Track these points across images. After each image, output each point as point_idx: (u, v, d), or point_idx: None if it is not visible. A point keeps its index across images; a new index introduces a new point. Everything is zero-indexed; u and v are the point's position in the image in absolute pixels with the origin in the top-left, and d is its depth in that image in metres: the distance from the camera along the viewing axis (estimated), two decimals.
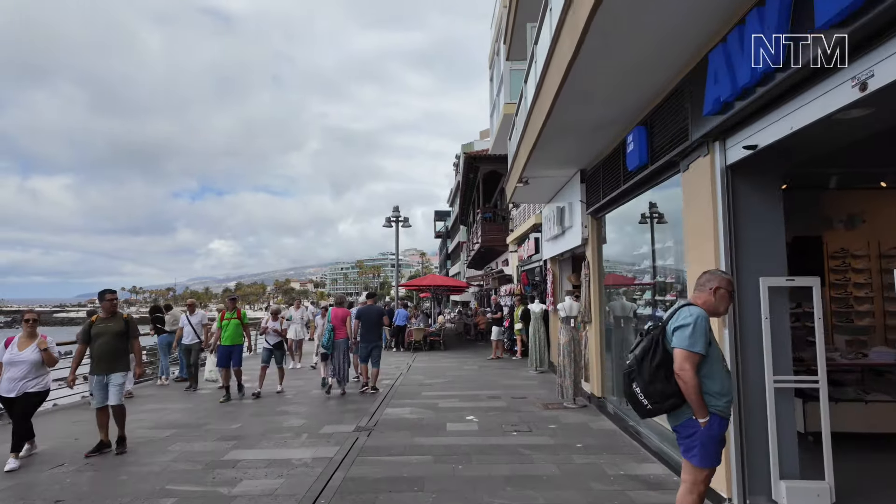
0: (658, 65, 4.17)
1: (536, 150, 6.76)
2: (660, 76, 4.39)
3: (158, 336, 10.33)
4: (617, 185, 6.08)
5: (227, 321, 8.52)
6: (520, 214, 15.10)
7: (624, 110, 5.24)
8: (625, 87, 4.68)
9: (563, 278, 11.00)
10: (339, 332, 8.96)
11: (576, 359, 7.55)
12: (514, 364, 12.42)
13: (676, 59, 4.04)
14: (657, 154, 4.84)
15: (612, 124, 5.65)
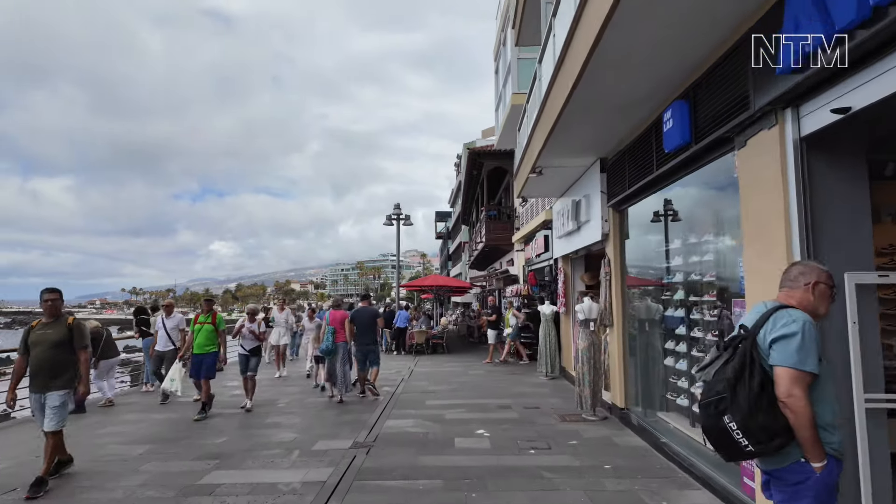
0: (713, 16, 3.49)
1: (554, 136, 6.09)
2: (712, 34, 3.71)
3: (143, 339, 9.65)
4: (648, 171, 5.39)
5: (199, 326, 7.49)
6: (527, 212, 14.43)
7: (659, 82, 4.56)
8: (666, 52, 4.00)
9: (575, 278, 10.32)
10: (340, 335, 8.49)
11: (595, 366, 6.87)
12: (522, 369, 11.73)
13: (736, 6, 3.36)
14: (703, 131, 4.16)
15: (644, 101, 4.97)
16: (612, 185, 6.78)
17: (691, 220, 5.38)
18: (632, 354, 6.68)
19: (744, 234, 3.70)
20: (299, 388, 9.67)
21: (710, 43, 3.84)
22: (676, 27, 3.64)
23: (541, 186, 9.13)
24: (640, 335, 6.58)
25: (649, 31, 3.69)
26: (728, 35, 3.67)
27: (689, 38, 3.79)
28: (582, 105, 5.15)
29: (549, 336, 10.34)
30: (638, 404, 6.55)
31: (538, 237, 12.42)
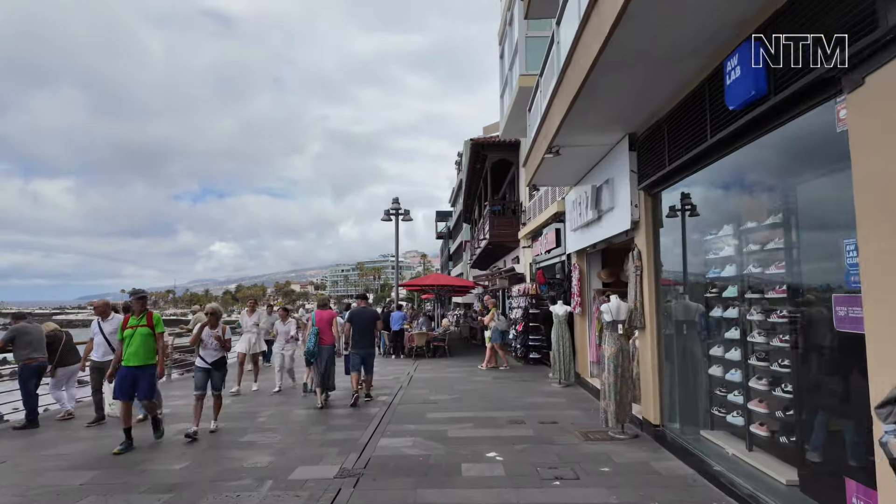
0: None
1: (576, 107, 5.11)
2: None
3: None
4: (697, 141, 4.42)
5: (130, 331, 5.77)
6: (535, 205, 13.47)
7: (722, 20, 3.60)
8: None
9: (591, 275, 9.35)
10: (325, 337, 7.93)
11: (624, 375, 5.90)
12: (531, 375, 10.75)
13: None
14: (786, 77, 3.19)
15: (698, 49, 4.00)
16: (644, 164, 5.80)
17: (752, 199, 4.42)
18: (668, 362, 5.71)
19: (858, 209, 2.73)
20: (284, 397, 8.69)
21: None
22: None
23: (555, 172, 8.17)
24: (678, 339, 5.61)
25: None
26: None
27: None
28: (614, 62, 4.20)
29: (563, 339, 9.37)
30: (675, 420, 5.58)
31: (548, 232, 11.45)
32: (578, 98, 4.92)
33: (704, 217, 5.11)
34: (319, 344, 7.81)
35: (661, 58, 4.18)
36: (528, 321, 12.52)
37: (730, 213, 4.69)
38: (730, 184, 4.66)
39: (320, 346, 7.80)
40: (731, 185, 4.65)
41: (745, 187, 4.54)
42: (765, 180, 4.23)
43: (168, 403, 7.70)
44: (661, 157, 5.27)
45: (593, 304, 9.16)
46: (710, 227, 4.89)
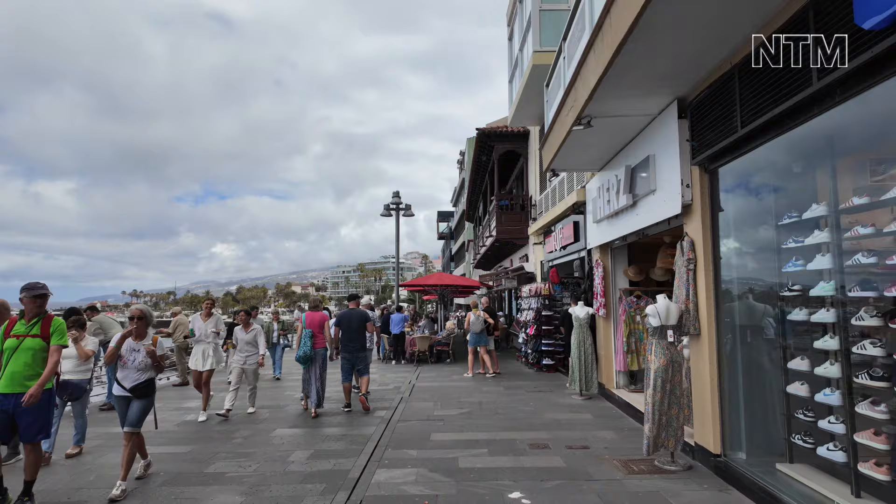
0: None
1: (621, 59, 4.03)
2: None
3: None
4: (796, 88, 3.32)
5: (14, 341, 4.03)
6: (546, 199, 12.40)
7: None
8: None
9: (616, 273, 8.28)
10: (318, 340, 7.48)
11: (674, 392, 4.82)
12: (547, 383, 9.66)
13: None
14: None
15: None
16: (700, 134, 4.73)
17: (858, 168, 3.37)
18: (730, 376, 4.63)
19: None
20: (268, 411, 7.61)
21: None
22: None
23: (578, 154, 7.10)
24: (743, 349, 4.54)
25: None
26: None
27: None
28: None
29: (584, 345, 8.28)
30: (740, 449, 4.51)
31: (563, 225, 10.38)
32: (626, 44, 3.83)
33: (783, 194, 4.05)
34: (314, 348, 7.35)
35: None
36: (540, 324, 11.44)
37: (823, 187, 3.63)
38: (825, 148, 3.59)
39: (314, 350, 7.35)
40: (827, 149, 3.58)
41: (848, 151, 3.48)
42: (881, 139, 3.17)
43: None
44: (727, 121, 4.20)
45: (619, 306, 8.09)
46: (790, 208, 3.81)
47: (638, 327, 7.85)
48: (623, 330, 7.85)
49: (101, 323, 7.88)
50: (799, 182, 3.94)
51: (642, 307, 7.89)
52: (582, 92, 5.16)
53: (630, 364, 7.82)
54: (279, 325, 11.10)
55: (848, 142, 3.45)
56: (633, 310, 7.88)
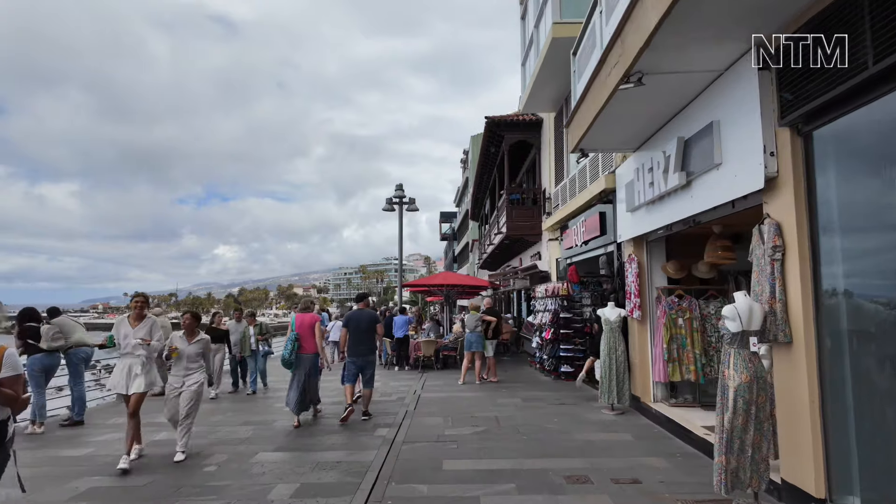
0: None
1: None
2: None
3: (29, 357, 6.62)
4: None
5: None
6: (563, 190, 11.36)
7: None
8: None
9: (653, 269, 7.23)
10: (306, 345, 6.91)
11: (759, 417, 3.76)
12: (570, 395, 8.60)
13: None
14: None
15: None
16: (791, 85, 3.68)
17: None
18: (835, 397, 3.58)
19: None
20: (252, 428, 6.57)
21: None
22: None
23: (614, 129, 6.08)
24: (853, 361, 3.49)
25: None
26: None
27: None
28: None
29: (616, 352, 7.22)
30: (852, 492, 3.45)
31: (586, 217, 9.32)
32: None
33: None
34: (299, 352, 6.83)
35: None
36: (558, 327, 10.39)
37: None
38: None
39: (299, 355, 6.83)
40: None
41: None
42: None
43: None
44: (854, 58, 3.14)
45: (657, 307, 7.04)
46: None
47: (680, 332, 6.80)
48: (663, 335, 6.79)
49: (61, 326, 6.87)
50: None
51: (684, 308, 6.85)
52: (633, 40, 4.12)
53: (671, 374, 6.75)
54: (257, 329, 9.46)
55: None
56: (675, 311, 6.83)
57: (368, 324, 7.19)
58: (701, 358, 6.73)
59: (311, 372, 6.87)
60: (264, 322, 9.72)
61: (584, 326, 10.67)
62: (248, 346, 9.25)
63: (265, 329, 9.51)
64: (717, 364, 6.80)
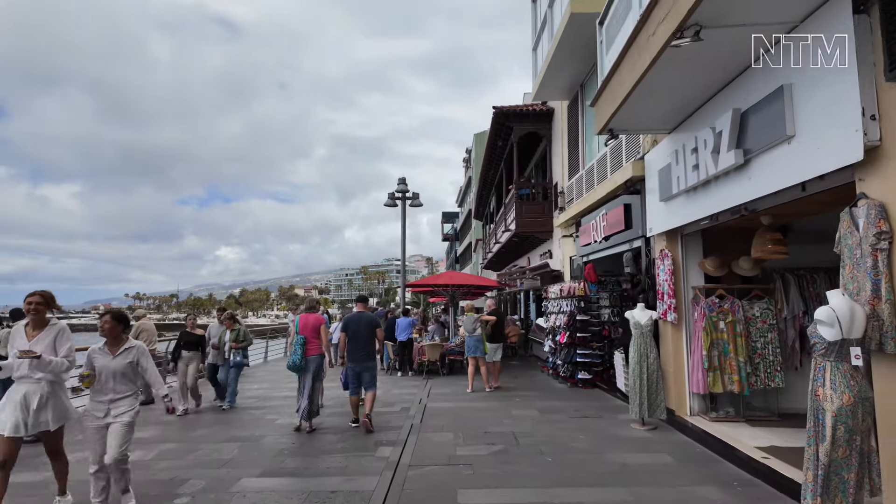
0: None
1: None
2: None
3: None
4: None
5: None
6: (577, 184, 10.58)
7: None
8: None
9: (688, 267, 6.46)
10: (312, 347, 6.58)
11: (862, 448, 2.98)
12: (591, 405, 7.82)
13: None
14: None
15: None
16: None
17: None
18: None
19: None
20: (238, 447, 5.79)
21: None
22: None
23: (650, 105, 5.31)
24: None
25: None
26: None
27: None
28: None
29: (648, 359, 6.43)
30: None
31: (606, 211, 8.55)
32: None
33: None
34: (306, 356, 6.50)
35: None
36: (574, 331, 9.61)
37: None
38: None
39: (307, 359, 6.50)
40: None
41: None
42: None
43: None
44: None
45: (693, 309, 6.27)
46: None
47: (722, 336, 6.03)
48: (702, 340, 6.01)
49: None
50: None
51: (726, 310, 6.07)
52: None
53: (711, 385, 5.98)
54: (233, 334, 7.88)
55: None
56: (716, 314, 6.06)
57: (368, 328, 6.75)
58: (745, 366, 5.96)
59: (316, 375, 6.58)
60: (243, 328, 8.07)
61: (601, 329, 9.92)
62: (222, 355, 7.96)
63: (243, 336, 7.96)
64: (762, 373, 6.03)
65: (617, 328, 9.97)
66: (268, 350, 15.34)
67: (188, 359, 7.78)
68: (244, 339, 7.94)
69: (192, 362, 7.78)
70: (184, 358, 7.79)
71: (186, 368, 7.72)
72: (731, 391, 5.97)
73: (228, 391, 7.91)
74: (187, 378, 7.71)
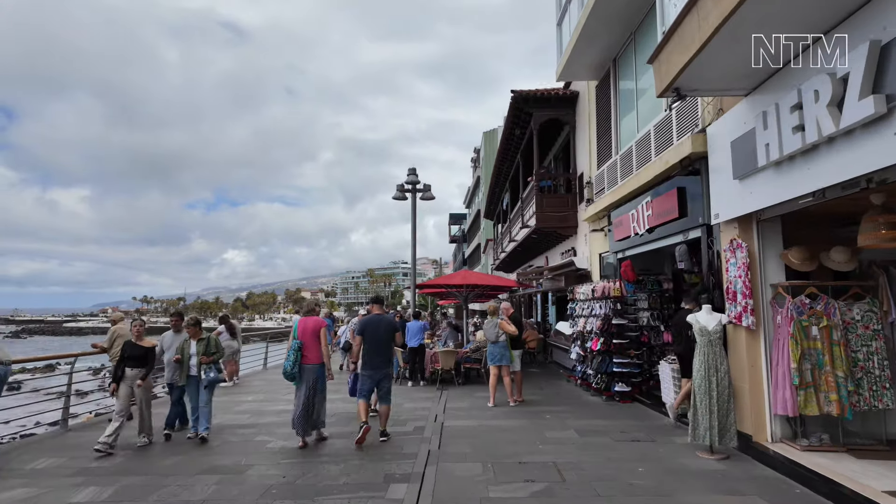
0: None
1: None
2: None
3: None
4: None
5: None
6: (609, 172, 9.43)
7: None
8: None
9: (766, 260, 5.30)
10: (310, 354, 5.95)
11: None
12: (636, 424, 6.66)
13: None
14: None
15: None
16: None
17: None
18: None
19: None
20: (216, 482, 4.69)
21: None
22: None
23: (733, 52, 4.16)
24: None
25: None
26: None
27: None
28: None
29: (717, 373, 5.24)
30: None
31: (650, 199, 7.40)
32: None
33: None
34: (302, 363, 5.89)
35: None
36: (610, 336, 8.45)
37: None
38: None
39: (303, 366, 5.89)
40: None
41: None
42: None
43: None
44: None
45: (775, 312, 5.12)
46: None
47: (815, 345, 4.87)
48: (790, 350, 4.85)
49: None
50: None
51: (819, 312, 4.90)
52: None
53: (803, 406, 4.82)
54: (201, 345, 6.19)
55: None
56: (807, 317, 4.89)
57: (387, 332, 6.22)
58: (846, 383, 4.78)
59: (316, 386, 5.91)
60: (213, 337, 6.41)
61: (640, 335, 8.77)
62: (184, 369, 6.21)
63: (214, 346, 6.27)
64: (866, 391, 4.85)
65: (659, 333, 8.84)
66: (268, 355, 14.25)
67: (132, 378, 5.95)
68: (216, 351, 6.26)
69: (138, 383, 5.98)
70: (127, 378, 5.95)
71: (130, 391, 5.96)
72: (828, 413, 4.80)
73: (201, 417, 6.10)
74: (138, 402, 5.97)
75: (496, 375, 8.26)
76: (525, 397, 8.59)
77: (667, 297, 9.03)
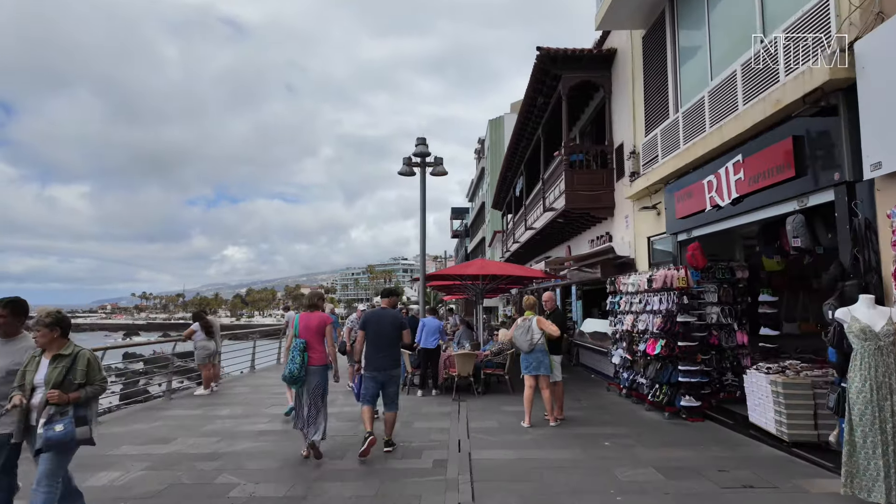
0: None
1: None
2: None
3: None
4: None
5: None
6: (664, 136, 7.70)
7: None
8: None
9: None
10: (314, 354, 5.09)
11: None
12: (727, 454, 4.95)
13: None
14: None
15: None
16: None
17: None
18: None
19: None
20: None
21: None
22: None
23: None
24: None
25: None
26: None
27: None
28: None
29: (892, 395, 3.53)
30: None
31: (741, 157, 5.67)
32: None
33: None
34: (308, 364, 5.06)
35: None
36: (673, 338, 6.74)
37: None
38: None
39: (308, 368, 5.06)
40: None
41: None
42: None
43: None
44: None
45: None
46: None
47: None
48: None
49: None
50: None
51: None
52: None
53: None
54: (57, 370, 3.22)
55: None
56: None
57: (393, 328, 5.50)
58: None
59: (319, 388, 5.15)
60: (87, 353, 3.39)
61: (709, 336, 7.07)
62: (23, 416, 3.23)
63: (84, 372, 3.30)
64: None
65: (731, 333, 7.14)
66: (255, 354, 12.51)
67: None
68: (91, 380, 3.30)
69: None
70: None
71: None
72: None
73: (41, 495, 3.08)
74: None
75: (532, 388, 6.52)
76: (565, 413, 6.88)
77: (740, 288, 7.32)
